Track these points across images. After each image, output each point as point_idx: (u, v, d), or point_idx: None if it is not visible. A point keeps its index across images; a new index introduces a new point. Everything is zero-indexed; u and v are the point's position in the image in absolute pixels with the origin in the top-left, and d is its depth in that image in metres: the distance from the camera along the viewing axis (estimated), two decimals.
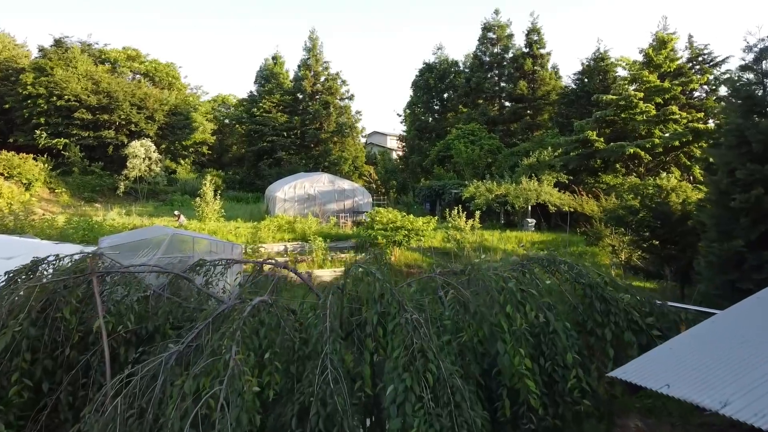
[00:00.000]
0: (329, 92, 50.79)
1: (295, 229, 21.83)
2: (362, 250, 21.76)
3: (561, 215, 27.46)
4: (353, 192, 29.15)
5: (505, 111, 42.96)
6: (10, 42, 57.91)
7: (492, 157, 36.29)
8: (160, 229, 13.16)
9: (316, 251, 19.38)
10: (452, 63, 47.79)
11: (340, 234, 22.56)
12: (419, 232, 20.58)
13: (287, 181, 31.13)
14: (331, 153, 48.79)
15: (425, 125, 47.04)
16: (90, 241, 16.94)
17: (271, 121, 48.83)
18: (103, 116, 45.86)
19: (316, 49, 51.75)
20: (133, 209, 34.10)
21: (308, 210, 28.17)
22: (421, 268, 20.92)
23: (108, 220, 21.60)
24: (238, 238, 20.47)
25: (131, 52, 56.67)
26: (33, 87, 44.48)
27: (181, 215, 23.89)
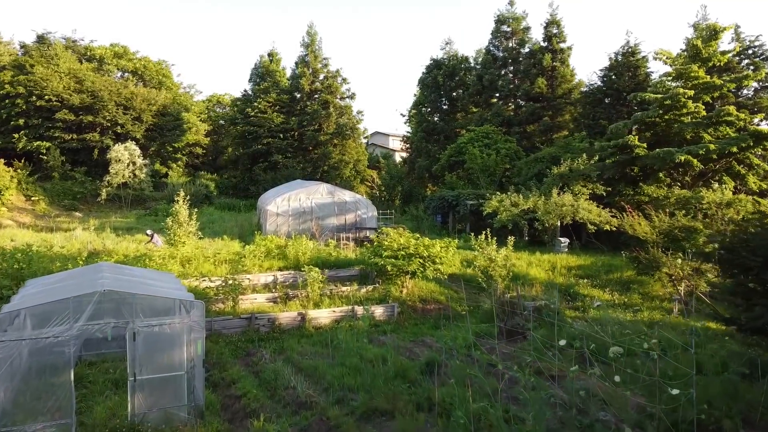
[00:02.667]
0: (329, 91, 47.24)
1: (286, 254, 18.22)
2: (367, 280, 18.15)
3: (594, 231, 23.89)
4: (356, 204, 25.53)
5: (521, 111, 39.29)
6: None
7: (510, 163, 32.70)
8: (94, 277, 9.61)
9: (311, 284, 15.79)
10: (462, 59, 44.10)
11: (341, 260, 18.94)
12: (436, 260, 16.99)
13: (280, 192, 27.53)
14: (330, 156, 45.25)
15: (433, 126, 43.36)
16: (21, 278, 13.43)
17: (267, 122, 45.32)
18: (87, 117, 42.55)
19: (315, 44, 48.22)
20: (109, 222, 30.58)
21: (304, 225, 24.61)
22: (441, 304, 17.35)
23: (56, 247, 18.02)
24: (217, 267, 16.89)
25: (119, 49, 53.28)
26: (11, 86, 41.23)
27: (155, 235, 20.32)
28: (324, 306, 15.59)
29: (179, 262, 16.64)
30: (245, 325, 14.09)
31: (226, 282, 15.07)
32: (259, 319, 14.25)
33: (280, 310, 15.30)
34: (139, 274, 11.14)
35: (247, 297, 15.44)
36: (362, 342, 12.84)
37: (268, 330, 14.21)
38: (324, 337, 13.85)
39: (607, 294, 18.15)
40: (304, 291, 16.08)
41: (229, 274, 16.74)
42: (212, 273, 16.57)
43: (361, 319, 14.84)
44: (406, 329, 15.04)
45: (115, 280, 9.55)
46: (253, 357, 12.54)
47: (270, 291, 16.53)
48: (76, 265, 15.30)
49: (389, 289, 16.77)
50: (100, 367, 11.33)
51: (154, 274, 12.00)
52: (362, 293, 16.77)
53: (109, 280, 9.30)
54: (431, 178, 42.50)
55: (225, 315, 14.57)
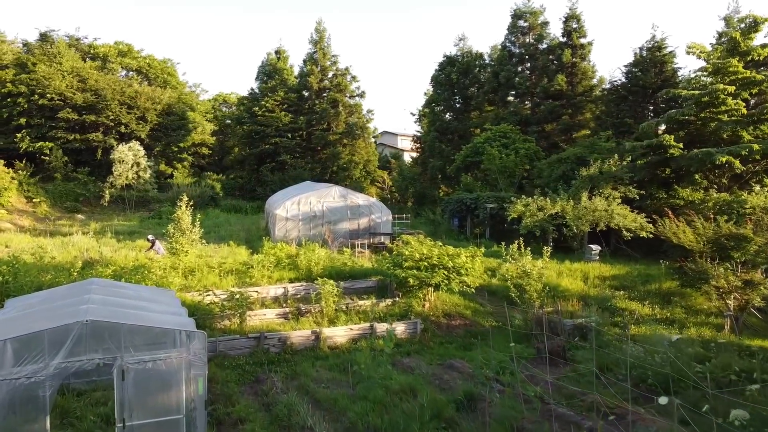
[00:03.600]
0: (338, 89, 45.82)
1: (298, 264, 16.78)
2: (386, 292, 16.70)
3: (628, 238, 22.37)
4: (369, 208, 24.06)
5: (539, 110, 37.69)
6: None
7: (530, 164, 31.15)
8: (80, 299, 8.22)
9: (325, 298, 14.37)
10: (477, 55, 42.53)
11: (356, 269, 17.47)
12: (462, 271, 15.51)
13: (289, 194, 26.12)
14: (340, 157, 43.84)
15: (446, 126, 41.79)
16: (6, 293, 12.08)
17: (274, 121, 43.94)
18: (90, 117, 41.41)
19: (323, 41, 46.82)
20: (111, 225, 29.28)
21: (315, 231, 23.19)
22: (467, 319, 15.88)
23: (51, 255, 16.69)
24: (223, 278, 15.49)
25: (123, 47, 52.15)
26: (13, 85, 40.17)
27: (157, 242, 18.96)
28: (340, 323, 14.15)
29: (181, 273, 15.28)
30: (254, 345, 12.69)
31: (232, 296, 13.67)
32: (269, 338, 12.85)
33: (292, 327, 13.89)
34: (134, 293, 9.75)
35: (256, 313, 14.04)
36: (385, 367, 11.41)
37: (278, 351, 12.81)
38: (341, 360, 12.44)
39: (646, 308, 16.64)
40: (317, 306, 14.66)
41: (236, 287, 15.36)
42: (217, 285, 15.17)
43: (382, 339, 13.43)
44: (431, 350, 13.59)
45: (103, 304, 8.15)
46: (262, 384, 11.12)
47: (280, 305, 15.13)
48: (69, 277, 13.96)
49: (411, 303, 15.34)
50: (90, 397, 9.92)
51: (151, 292, 10.61)
52: (381, 308, 15.33)
53: (96, 305, 7.90)
54: (444, 180, 40.96)
55: (231, 334, 13.18)
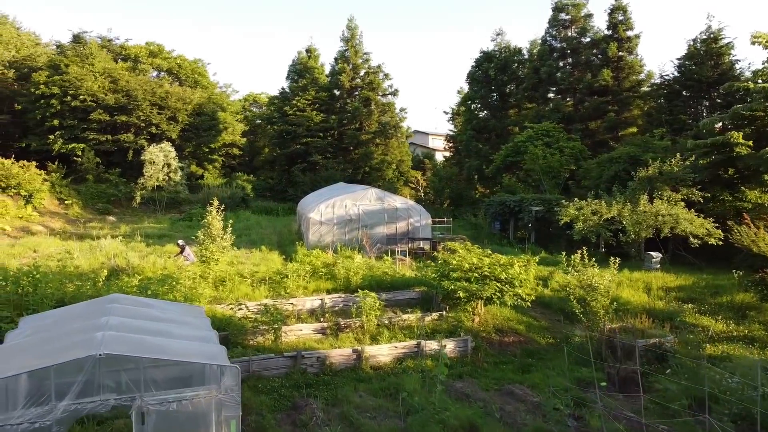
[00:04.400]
0: (370, 87, 44.64)
1: (335, 274, 15.57)
2: (430, 305, 15.36)
3: (683, 242, 20.57)
4: (407, 211, 22.74)
5: (582, 106, 35.82)
6: (30, 40, 54.15)
7: (575, 164, 29.40)
8: (97, 323, 7.13)
9: (366, 312, 13.11)
10: (515, 51, 40.81)
11: (397, 279, 16.15)
12: (515, 282, 14.08)
13: (323, 196, 24.98)
14: (372, 157, 42.66)
15: (484, 124, 40.18)
16: (25, 307, 11.18)
17: (305, 121, 42.97)
18: (121, 117, 41.10)
19: (355, 39, 45.72)
20: (141, 228, 28.62)
21: (350, 235, 21.98)
22: (520, 335, 14.43)
23: (71, 265, 15.86)
24: (256, 289, 14.37)
25: (154, 47, 51.87)
26: (46, 86, 40.14)
27: (187, 247, 17.99)
28: (383, 340, 12.87)
29: (211, 283, 14.21)
30: (290, 365, 11.50)
31: (266, 310, 12.51)
32: (307, 357, 11.64)
33: (331, 345, 12.66)
34: (158, 312, 8.63)
35: (291, 328, 12.86)
36: (439, 396, 10.08)
37: (317, 371, 11.60)
38: (386, 383, 11.16)
39: (720, 323, 14.93)
40: (357, 320, 13.41)
41: (269, 298, 14.22)
42: (249, 297, 14.06)
43: (431, 359, 12.12)
44: (485, 372, 12.20)
45: (122, 329, 7.01)
46: (301, 413, 9.89)
47: (317, 319, 13.92)
48: (94, 287, 12.99)
49: (460, 318, 13.96)
50: (112, 427, 8.87)
51: (179, 310, 9.49)
52: (427, 323, 13.99)
53: (114, 331, 6.76)
54: (482, 180, 39.42)
55: (265, 351, 12.02)
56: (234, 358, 11.13)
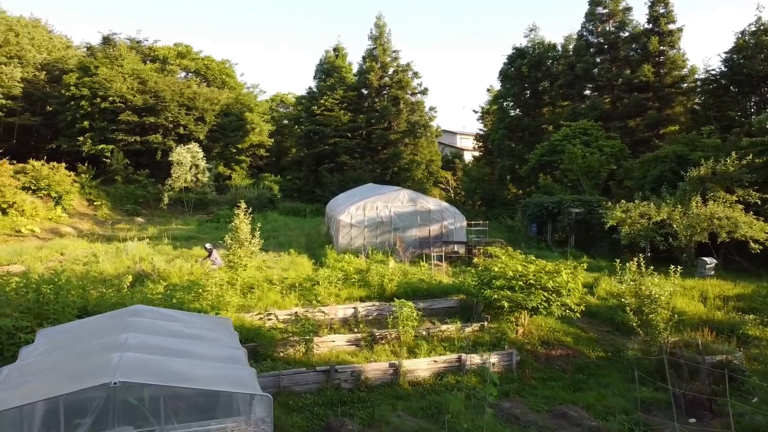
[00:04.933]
0: (399, 86, 43.77)
1: (368, 281, 14.73)
2: (470, 314, 14.40)
3: (737, 247, 19.19)
4: (441, 214, 21.79)
5: (621, 103, 34.33)
6: (62, 43, 54.78)
7: (616, 163, 28.05)
8: (116, 340, 6.43)
9: (402, 323, 12.24)
10: (549, 46, 39.42)
11: (433, 286, 15.23)
12: (562, 291, 13.05)
13: (353, 197, 24.21)
14: (401, 157, 41.78)
15: (517, 123, 38.87)
16: (45, 317, 10.62)
17: (333, 121, 42.31)
18: (150, 118, 41.07)
19: (383, 37, 44.90)
20: (169, 230, 28.28)
21: (382, 238, 21.14)
22: (568, 348, 13.38)
23: (96, 270, 15.37)
24: (285, 297, 13.63)
25: (182, 48, 51.92)
26: (76, 88, 40.34)
27: (214, 251, 17.37)
28: (421, 353, 11.97)
29: (239, 289, 13.51)
30: (322, 380, 10.70)
31: (297, 320, 11.75)
32: (341, 372, 10.82)
33: (366, 358, 11.83)
34: (183, 327, 7.90)
35: (323, 339, 12.06)
36: (488, 419, 9.15)
37: (351, 387, 10.77)
38: (427, 402, 10.27)
39: None
40: (393, 331, 12.54)
41: (300, 307, 13.46)
42: (279, 305, 13.31)
43: (474, 375, 11.22)
44: (534, 389, 11.21)
45: (141, 349, 6.28)
46: None
47: (350, 329, 13.10)
48: (117, 294, 12.40)
49: (503, 329, 12.99)
50: None
51: (205, 324, 8.75)
52: (467, 334, 13.06)
53: (132, 352, 6.03)
54: (515, 181, 38.20)
55: (296, 365, 11.25)
56: (263, 373, 10.39)
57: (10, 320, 9.98)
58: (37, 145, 45.65)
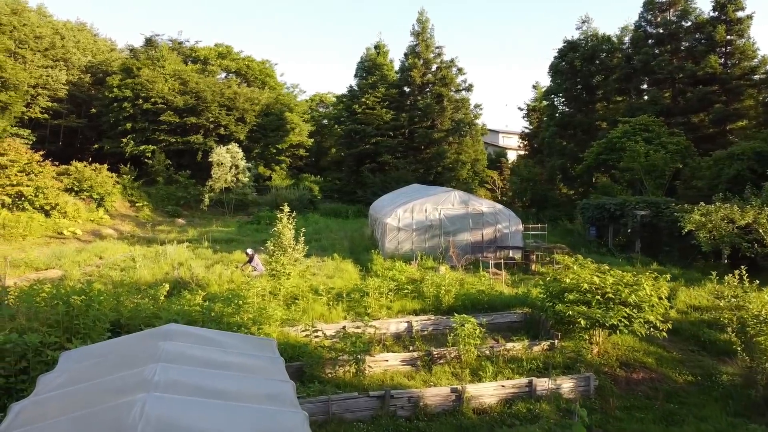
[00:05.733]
0: (442, 83, 42.30)
1: (422, 291, 13.39)
2: (537, 329, 12.92)
3: None
4: (495, 216, 20.29)
5: (683, 98, 32.01)
6: (106, 46, 55.48)
7: (682, 161, 25.95)
8: (142, 376, 5.33)
9: (464, 342, 10.89)
10: (603, 39, 37.25)
11: (494, 298, 13.77)
12: (643, 305, 11.44)
13: (399, 199, 22.96)
14: (445, 156, 40.30)
15: (569, 119, 36.83)
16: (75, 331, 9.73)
17: (375, 119, 41.16)
18: (191, 119, 40.84)
19: (426, 33, 43.52)
20: (209, 232, 27.62)
21: (431, 243, 19.80)
22: (651, 371, 11.76)
23: (133, 276, 14.55)
24: (332, 309, 12.44)
25: (222, 49, 51.75)
26: (119, 90, 40.46)
27: (256, 256, 16.38)
28: (486, 376, 10.59)
29: (282, 300, 12.40)
30: (376, 406, 9.45)
31: (346, 337, 10.54)
32: (397, 397, 9.55)
33: (423, 380, 10.54)
34: (220, 356, 6.75)
35: (376, 358, 10.82)
36: None
37: (408, 414, 9.49)
38: None
39: None
40: (453, 350, 11.20)
41: (349, 320, 12.26)
42: (326, 318, 12.14)
43: (547, 403, 9.81)
44: (619, 422, 9.68)
45: (172, 386, 5.13)
46: None
47: (405, 346, 11.82)
48: (155, 307, 11.41)
49: (578, 348, 11.48)
50: None
51: (246, 346, 7.59)
52: (536, 354, 11.60)
53: (161, 392, 4.88)
54: (565, 180, 36.24)
55: (346, 387, 10.04)
56: (310, 398, 9.23)
57: (37, 336, 9.08)
58: (82, 146, 46.18)
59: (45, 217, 26.19)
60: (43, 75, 40.08)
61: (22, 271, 16.89)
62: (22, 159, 25.74)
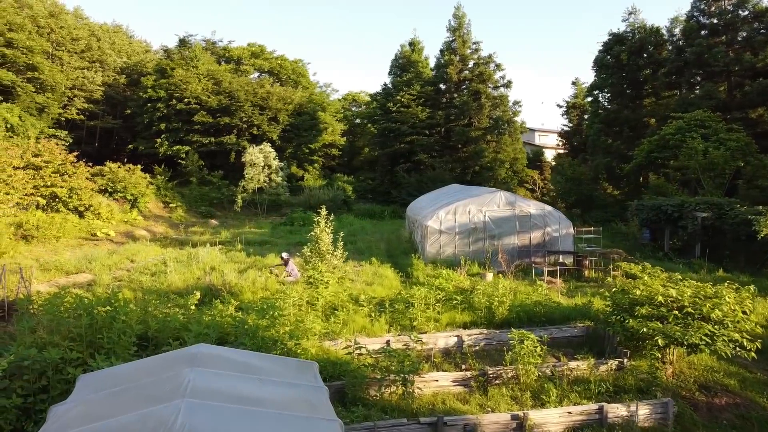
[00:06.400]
0: (480, 79, 40.91)
1: (472, 303, 12.19)
2: (601, 346, 11.63)
3: None
4: (543, 219, 18.97)
5: (740, 91, 29.97)
6: (141, 47, 55.86)
7: (743, 159, 24.10)
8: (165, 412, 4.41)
9: (523, 360, 9.73)
10: (652, 30, 35.27)
11: (551, 309, 12.49)
12: (726, 321, 10.09)
13: (439, 200, 21.85)
14: (483, 155, 38.90)
15: (615, 116, 34.95)
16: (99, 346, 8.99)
17: (410, 117, 40.04)
18: (224, 119, 40.49)
19: (463, 28, 42.22)
20: (242, 233, 26.98)
21: (474, 247, 18.60)
22: (734, 395, 10.39)
23: (163, 281, 13.81)
24: (375, 322, 11.38)
25: (256, 48, 51.42)
26: (153, 90, 40.35)
27: (291, 261, 15.48)
28: (549, 400, 9.41)
29: (320, 310, 11.43)
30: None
31: (392, 353, 9.49)
32: (450, 425, 8.46)
33: (479, 404, 9.42)
34: (255, 388, 5.78)
35: (425, 378, 9.74)
36: None
37: None
38: None
39: None
40: (510, 369, 10.03)
41: (393, 333, 11.22)
42: (368, 331, 11.11)
43: None
44: None
45: None
46: None
47: (455, 364, 10.71)
48: (185, 318, 10.58)
49: (651, 368, 10.20)
50: None
51: (284, 371, 6.62)
52: (603, 374, 10.35)
53: None
54: (611, 180, 34.49)
55: (393, 412, 9.00)
56: (354, 423, 8.22)
57: (58, 351, 8.31)
58: (118, 147, 46.39)
59: (79, 218, 25.92)
60: (79, 77, 40.28)
61: (52, 275, 16.37)
62: (56, 160, 25.51)
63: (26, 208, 23.73)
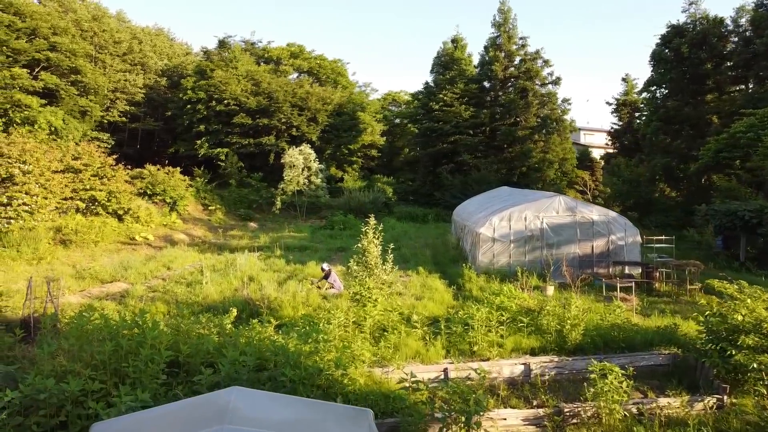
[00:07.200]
0: (527, 76, 39.12)
1: (539, 324, 10.75)
2: (692, 378, 10.03)
3: None
4: (607, 226, 17.30)
5: None
6: (182, 50, 56.11)
7: None
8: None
9: (606, 398, 8.28)
10: (716, 21, 32.80)
11: (631, 333, 10.92)
12: None
13: (490, 204, 20.43)
14: (530, 155, 37.13)
15: (675, 113, 32.60)
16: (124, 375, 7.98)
17: (453, 117, 38.58)
18: (263, 120, 39.97)
19: (508, 23, 40.51)
20: (281, 237, 26.13)
21: (531, 256, 17.10)
22: None
23: (199, 293, 12.86)
24: (429, 345, 10.09)
25: (295, 48, 50.83)
26: (193, 92, 40.15)
27: (333, 272, 14.38)
28: None
29: (369, 332, 10.22)
30: None
31: (453, 387, 8.18)
32: None
33: None
34: None
35: (490, 415, 8.41)
36: None
37: None
38: None
39: None
40: (589, 406, 8.60)
41: (452, 358, 9.94)
42: (423, 357, 9.83)
43: None
44: None
45: None
46: None
47: (525, 399, 9.32)
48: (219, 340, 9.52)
49: (758, 409, 8.60)
50: None
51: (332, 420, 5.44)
52: (698, 411, 8.81)
53: None
54: (669, 182, 32.26)
55: None
56: None
57: (78, 382, 7.33)
58: (158, 149, 46.47)
59: (118, 221, 25.51)
60: (121, 79, 40.37)
61: (87, 284, 15.70)
62: (95, 163, 25.17)
63: (65, 212, 23.40)
